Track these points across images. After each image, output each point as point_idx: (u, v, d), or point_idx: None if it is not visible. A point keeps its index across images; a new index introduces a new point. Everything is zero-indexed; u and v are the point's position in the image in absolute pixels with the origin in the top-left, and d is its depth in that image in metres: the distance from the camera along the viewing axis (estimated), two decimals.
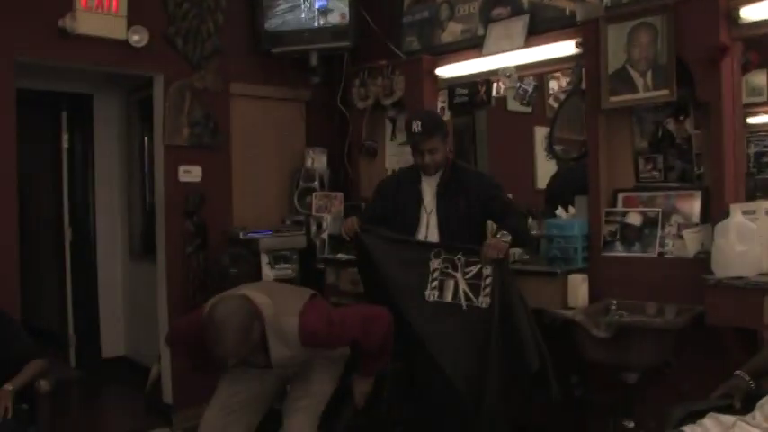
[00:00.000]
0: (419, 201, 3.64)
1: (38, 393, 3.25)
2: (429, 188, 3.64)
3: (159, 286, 4.77)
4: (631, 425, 3.16)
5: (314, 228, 4.95)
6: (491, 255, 3.25)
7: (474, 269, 3.32)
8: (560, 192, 4.31)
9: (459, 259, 3.36)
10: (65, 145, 6.01)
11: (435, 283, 3.39)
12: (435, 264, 3.40)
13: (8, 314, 3.56)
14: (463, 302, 3.33)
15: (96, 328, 6.05)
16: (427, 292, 3.39)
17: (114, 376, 5.89)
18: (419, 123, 3.49)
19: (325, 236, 4.86)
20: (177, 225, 4.67)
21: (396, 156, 5.00)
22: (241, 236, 4.73)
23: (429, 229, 3.62)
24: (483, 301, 3.28)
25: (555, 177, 4.71)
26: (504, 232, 3.32)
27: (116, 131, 6.07)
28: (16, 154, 4.04)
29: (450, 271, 3.37)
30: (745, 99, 3.59)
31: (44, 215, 6.65)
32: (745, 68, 3.50)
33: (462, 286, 3.34)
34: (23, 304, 4.07)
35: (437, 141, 3.52)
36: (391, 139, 5.06)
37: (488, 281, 3.27)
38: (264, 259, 4.68)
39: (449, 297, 3.36)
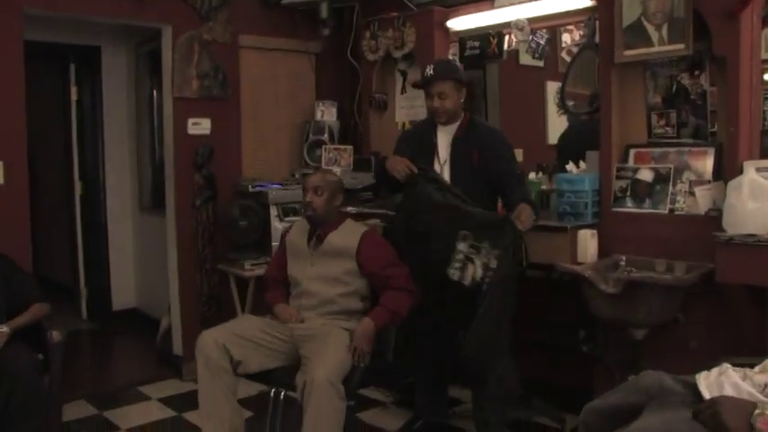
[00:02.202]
0: (433, 151, 3.61)
1: (50, 344, 3.30)
2: (444, 140, 3.60)
3: (169, 239, 4.79)
4: None
5: None
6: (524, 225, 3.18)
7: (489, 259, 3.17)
8: (572, 147, 4.26)
9: (484, 248, 3.20)
10: (73, 98, 6.00)
11: (458, 264, 3.24)
12: (461, 246, 3.23)
13: (14, 261, 3.61)
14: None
15: (107, 281, 6.11)
16: (451, 271, 3.24)
17: (125, 328, 5.96)
18: (431, 67, 3.52)
19: None
20: (186, 178, 4.67)
21: (406, 108, 4.97)
22: (250, 188, 4.73)
23: None
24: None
25: (566, 132, 4.67)
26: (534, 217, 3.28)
27: (125, 84, 6.04)
28: (25, 107, 4.03)
29: (473, 257, 3.21)
30: (764, 54, 3.51)
31: (54, 168, 6.66)
32: (765, 22, 3.42)
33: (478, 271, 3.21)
34: (36, 258, 4.10)
35: (447, 86, 3.47)
36: (402, 92, 5.02)
37: (490, 273, 3.16)
38: (273, 212, 4.68)
39: (467, 281, 3.22)
